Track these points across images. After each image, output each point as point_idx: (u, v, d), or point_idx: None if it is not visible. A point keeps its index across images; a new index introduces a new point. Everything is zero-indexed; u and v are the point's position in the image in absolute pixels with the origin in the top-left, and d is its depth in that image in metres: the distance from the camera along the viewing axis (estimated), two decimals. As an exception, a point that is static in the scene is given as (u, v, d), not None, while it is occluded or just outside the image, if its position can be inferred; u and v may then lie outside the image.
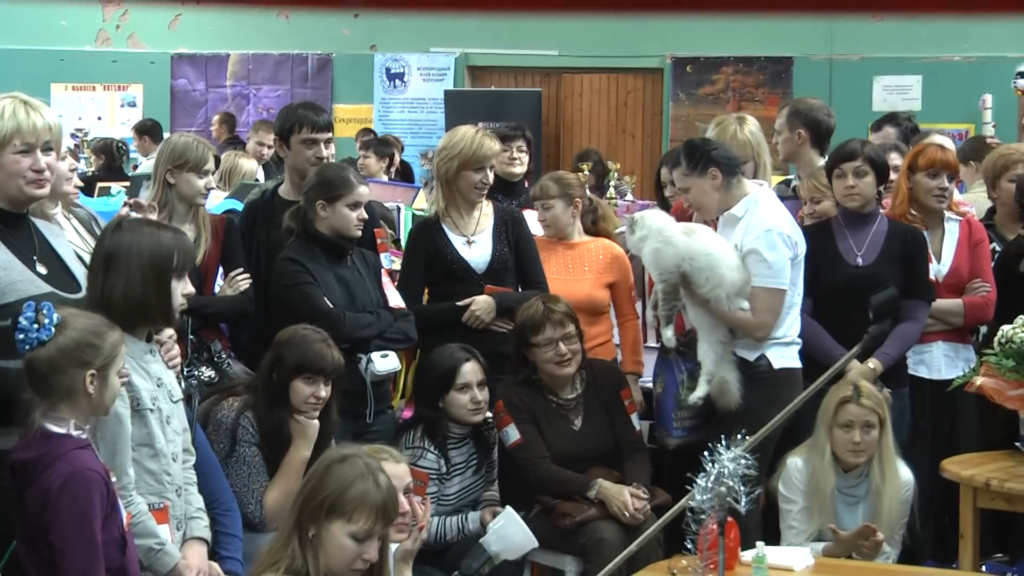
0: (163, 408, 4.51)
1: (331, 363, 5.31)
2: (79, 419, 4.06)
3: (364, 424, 5.85)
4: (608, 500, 5.92)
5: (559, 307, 6.11)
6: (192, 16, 16.23)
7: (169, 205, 5.94)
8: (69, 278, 4.50)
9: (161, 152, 6.09)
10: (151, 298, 4.43)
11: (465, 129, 6.54)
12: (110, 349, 4.06)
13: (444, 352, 6.04)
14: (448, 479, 5.96)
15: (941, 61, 15.21)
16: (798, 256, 5.92)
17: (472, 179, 6.40)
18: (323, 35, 16.24)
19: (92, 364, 4.03)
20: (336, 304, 5.87)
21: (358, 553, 4.04)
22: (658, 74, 16.13)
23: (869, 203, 6.18)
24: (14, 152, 4.34)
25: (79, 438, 4.05)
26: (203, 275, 5.93)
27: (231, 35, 16.39)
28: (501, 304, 6.35)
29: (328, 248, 5.97)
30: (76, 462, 3.99)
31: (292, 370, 5.28)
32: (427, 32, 16.12)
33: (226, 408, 5.37)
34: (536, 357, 6.10)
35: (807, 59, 15.51)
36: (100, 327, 4.10)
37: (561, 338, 6.05)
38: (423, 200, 9.33)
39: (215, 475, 5.01)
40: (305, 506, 4.06)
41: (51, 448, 4.01)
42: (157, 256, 4.46)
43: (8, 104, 4.38)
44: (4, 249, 4.34)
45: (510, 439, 6.06)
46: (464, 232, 6.44)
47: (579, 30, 15.71)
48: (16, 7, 16.58)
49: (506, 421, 6.07)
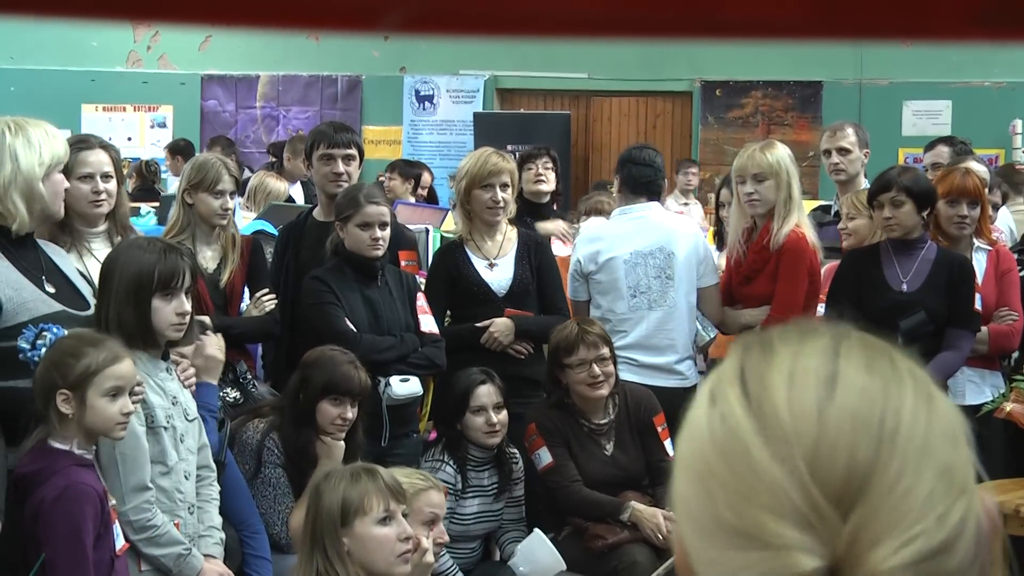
0: (177, 426, 4.53)
1: (358, 385, 5.31)
2: (79, 439, 4.07)
3: (385, 447, 5.84)
4: (641, 522, 5.92)
5: (593, 329, 6.11)
6: (222, 37, 16.31)
7: (191, 226, 5.95)
8: (77, 296, 4.55)
9: (183, 172, 6.11)
10: (129, 317, 4.45)
11: (478, 150, 6.57)
12: (84, 369, 4.06)
13: (461, 374, 6.04)
14: (464, 498, 5.95)
15: (971, 86, 15.17)
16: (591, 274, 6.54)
17: (482, 198, 6.39)
18: (353, 57, 16.29)
19: (60, 385, 4.04)
20: (359, 325, 5.86)
21: (395, 534, 4.05)
22: (687, 97, 16.13)
23: (910, 231, 6.15)
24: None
25: (80, 456, 4.07)
26: (229, 296, 5.93)
27: (261, 56, 16.45)
28: (520, 327, 6.35)
29: (357, 268, 5.98)
30: (72, 476, 4.01)
31: (319, 391, 5.29)
32: (457, 55, 16.15)
33: (251, 430, 5.37)
34: (569, 379, 6.09)
35: (837, 83, 15.49)
36: (79, 347, 4.11)
37: (595, 359, 6.05)
38: (451, 222, 9.34)
39: (242, 497, 5.02)
40: (316, 530, 4.05)
41: (50, 463, 4.04)
42: (137, 275, 4.48)
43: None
44: (13, 270, 4.38)
45: (542, 462, 6.06)
46: (487, 255, 6.44)
47: (608, 53, 15.72)
48: (48, 28, 16.69)
49: (538, 444, 6.06)
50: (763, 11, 0.94)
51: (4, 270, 4.37)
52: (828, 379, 1.16)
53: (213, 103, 16.81)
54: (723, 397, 1.19)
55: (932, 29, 1.03)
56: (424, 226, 8.69)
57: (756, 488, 1.12)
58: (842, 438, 1.12)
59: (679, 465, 1.21)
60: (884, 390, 1.16)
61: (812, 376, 1.16)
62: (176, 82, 16.70)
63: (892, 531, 1.10)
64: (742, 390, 1.18)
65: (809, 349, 1.19)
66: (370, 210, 5.95)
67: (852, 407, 1.14)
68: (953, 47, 14.98)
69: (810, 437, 1.13)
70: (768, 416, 1.15)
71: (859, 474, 1.11)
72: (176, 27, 18.61)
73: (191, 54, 16.56)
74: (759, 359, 1.20)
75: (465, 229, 6.49)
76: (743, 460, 1.14)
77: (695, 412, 1.21)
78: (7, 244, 4.44)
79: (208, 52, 16.52)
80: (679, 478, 1.20)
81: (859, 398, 1.15)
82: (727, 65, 15.63)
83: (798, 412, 1.14)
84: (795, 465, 1.12)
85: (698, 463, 1.18)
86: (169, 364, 4.62)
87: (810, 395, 1.15)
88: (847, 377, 1.16)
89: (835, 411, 1.14)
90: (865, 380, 1.16)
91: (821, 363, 1.17)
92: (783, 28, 0.98)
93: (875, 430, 1.13)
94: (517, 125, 15.42)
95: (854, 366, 1.18)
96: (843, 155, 7.30)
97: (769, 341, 1.22)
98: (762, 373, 1.18)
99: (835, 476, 1.11)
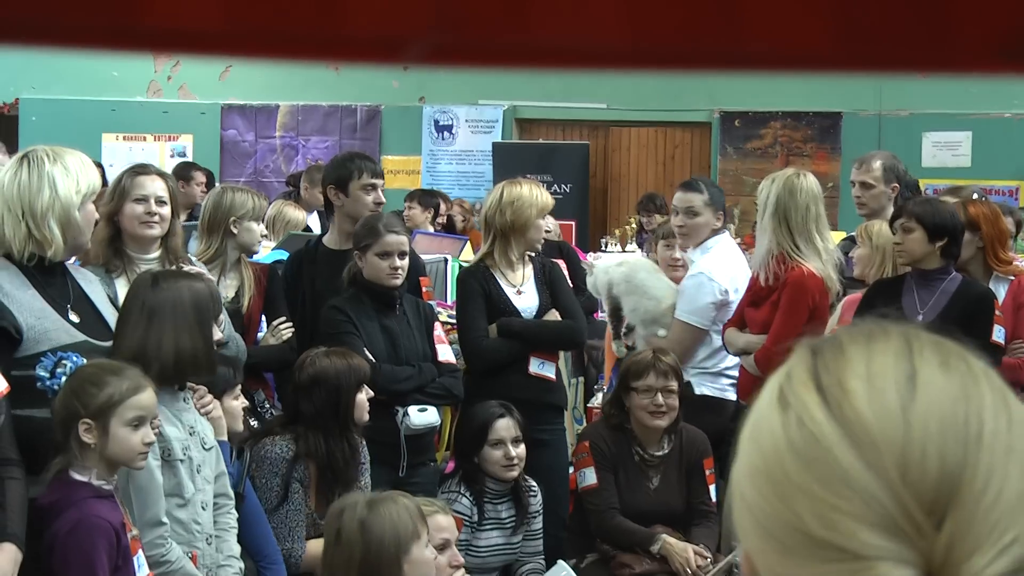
0: (194, 457, 4.52)
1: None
2: (100, 469, 4.06)
3: (402, 477, 5.84)
4: (671, 556, 5.95)
5: (667, 359, 6.19)
6: (242, 67, 16.36)
7: (223, 256, 5.99)
8: (102, 326, 4.55)
9: (220, 204, 6.12)
10: (199, 348, 4.47)
11: (525, 183, 6.57)
12: (107, 398, 4.05)
13: (480, 407, 6.04)
14: (480, 530, 5.94)
15: (991, 118, 15.14)
16: (729, 302, 6.50)
17: (539, 224, 6.48)
18: (372, 87, 16.32)
19: (82, 414, 4.04)
20: (378, 355, 5.87)
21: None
22: (706, 128, 16.13)
23: (921, 260, 6.07)
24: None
25: (100, 487, 4.05)
26: (247, 324, 5.95)
27: (281, 86, 16.50)
28: (529, 330, 6.35)
29: (375, 297, 5.99)
30: (86, 509, 3.99)
31: (355, 387, 5.33)
32: (476, 85, 16.18)
33: (271, 446, 5.34)
34: (632, 403, 6.15)
35: (856, 115, 15.47)
36: (102, 376, 4.10)
37: (661, 389, 6.08)
38: (470, 252, 9.34)
39: (260, 527, 5.02)
40: (371, 563, 4.05)
41: (67, 494, 4.03)
42: (199, 306, 4.49)
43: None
44: (39, 298, 4.39)
45: (585, 481, 6.11)
46: (513, 283, 6.46)
47: (627, 84, 15.73)
48: (69, 59, 16.77)
49: (586, 463, 6.11)
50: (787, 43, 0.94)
51: (29, 299, 4.38)
52: (907, 379, 1.12)
53: (233, 133, 16.85)
54: (798, 400, 1.14)
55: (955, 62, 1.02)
56: (443, 256, 8.70)
57: (846, 496, 1.07)
58: (930, 441, 1.08)
59: (746, 474, 1.15)
60: (964, 389, 1.12)
61: (891, 377, 1.12)
62: (196, 112, 16.76)
63: (988, 538, 1.06)
64: (819, 392, 1.13)
65: (881, 348, 1.15)
66: (390, 239, 5.97)
67: (936, 408, 1.10)
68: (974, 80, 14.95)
69: (898, 441, 1.09)
70: (852, 420, 1.10)
71: (950, 479, 1.07)
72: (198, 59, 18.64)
73: (211, 84, 16.61)
74: (832, 360, 1.15)
75: (494, 257, 6.47)
76: (829, 467, 1.09)
77: (765, 419, 1.16)
78: (35, 272, 4.45)
79: (228, 82, 16.57)
80: (748, 489, 1.15)
81: (941, 398, 1.11)
82: (746, 96, 15.62)
83: (882, 415, 1.10)
84: (886, 471, 1.07)
85: (775, 471, 1.12)
86: (186, 393, 4.62)
87: (892, 397, 1.11)
88: (925, 376, 1.12)
89: (920, 413, 1.10)
90: (944, 379, 1.12)
91: (897, 363, 1.13)
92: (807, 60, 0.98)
93: (961, 432, 1.09)
94: (536, 155, 15.43)
95: (930, 365, 1.13)
96: (866, 189, 7.27)
97: (839, 342, 1.17)
98: (839, 375, 1.13)
99: (927, 482, 1.07)
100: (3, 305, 4.31)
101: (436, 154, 16.64)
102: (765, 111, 15.73)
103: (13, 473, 4.12)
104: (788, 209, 6.22)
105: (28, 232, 4.41)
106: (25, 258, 4.42)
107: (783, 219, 6.19)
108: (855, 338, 1.18)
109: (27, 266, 4.44)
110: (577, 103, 16.15)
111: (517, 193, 6.44)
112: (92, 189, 4.56)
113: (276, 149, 16.82)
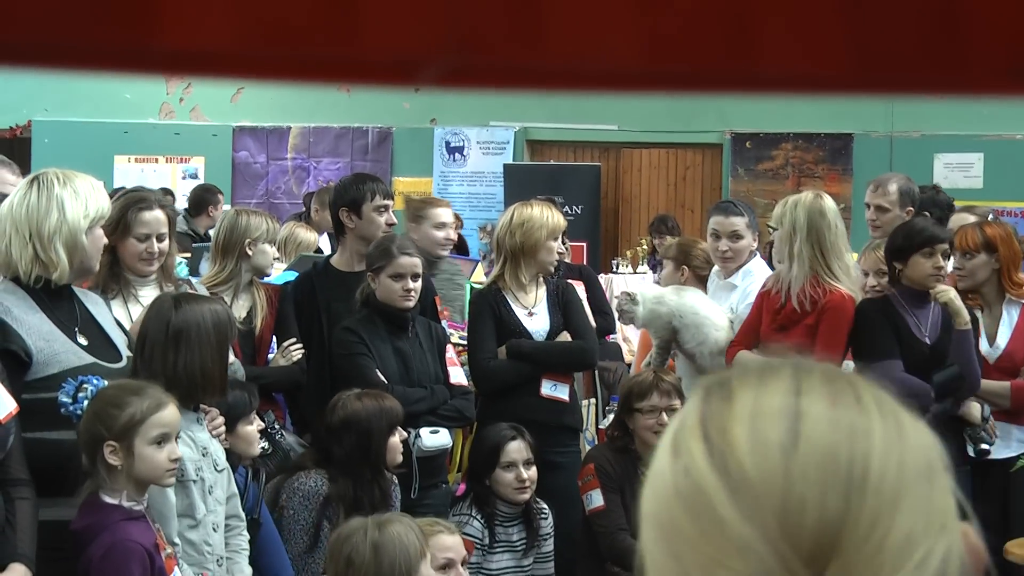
0: (207, 478, 4.53)
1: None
2: (129, 490, 4.07)
3: (414, 498, 5.83)
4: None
5: (669, 378, 6.20)
6: (254, 89, 16.40)
7: (237, 277, 6.02)
8: (110, 348, 4.56)
9: (235, 226, 6.14)
10: (217, 370, 4.50)
11: (537, 205, 6.57)
12: (129, 418, 4.06)
13: (491, 430, 6.05)
14: (491, 553, 5.93)
15: (1003, 139, 15.13)
16: None
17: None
18: (384, 108, 16.35)
19: (105, 437, 4.04)
20: (390, 376, 5.87)
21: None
22: (717, 149, 16.13)
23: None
24: None
25: (131, 509, 4.06)
26: (257, 345, 5.96)
27: (292, 108, 16.54)
28: (539, 352, 6.34)
29: (388, 319, 5.99)
30: (119, 533, 4.00)
31: (387, 430, 5.33)
32: (487, 106, 16.20)
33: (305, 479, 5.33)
34: (636, 423, 6.15)
35: (867, 136, 15.46)
36: (122, 396, 4.11)
37: (665, 408, 6.08)
38: (481, 273, 9.35)
39: (276, 551, 5.01)
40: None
41: (100, 518, 4.03)
42: (220, 329, 4.52)
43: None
44: (47, 321, 4.40)
45: (592, 503, 6.09)
46: (525, 304, 6.45)
47: (638, 105, 15.74)
48: (81, 81, 16.82)
49: (592, 485, 6.10)
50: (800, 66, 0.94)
51: (37, 322, 4.39)
52: (791, 424, 1.10)
53: (244, 154, 16.89)
54: (686, 448, 1.13)
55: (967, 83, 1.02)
56: (454, 277, 8.70)
57: (725, 549, 1.07)
58: (810, 491, 1.07)
59: (645, 520, 1.15)
60: (850, 430, 1.10)
61: (774, 420, 1.10)
62: (208, 133, 16.80)
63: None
64: (704, 441, 1.12)
65: (770, 389, 1.13)
66: (403, 261, 5.97)
67: (819, 454, 1.08)
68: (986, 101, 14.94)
69: (777, 492, 1.07)
70: (732, 470, 1.09)
71: (831, 528, 1.06)
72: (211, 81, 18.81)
73: (223, 106, 16.65)
74: (718, 405, 1.14)
75: (505, 279, 6.46)
76: (711, 519, 1.08)
77: (659, 463, 1.15)
78: (43, 295, 4.46)
79: (240, 104, 16.62)
80: (645, 534, 1.15)
81: (824, 443, 1.09)
82: (757, 117, 15.63)
83: (762, 465, 1.08)
84: (765, 523, 1.06)
85: (664, 519, 1.12)
86: (200, 414, 4.63)
87: (773, 444, 1.09)
88: (811, 419, 1.10)
89: (800, 461, 1.08)
90: (830, 421, 1.10)
91: (783, 405, 1.11)
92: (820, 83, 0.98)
93: (843, 478, 1.07)
94: (547, 177, 15.44)
95: (818, 404, 1.11)
96: (881, 213, 7.22)
97: (728, 384, 1.16)
98: (723, 422, 1.12)
99: (806, 533, 1.06)
100: (12, 328, 4.31)
101: (447, 176, 16.66)
102: (776, 132, 15.72)
103: (23, 493, 4.12)
104: (821, 231, 6.15)
105: (35, 254, 4.41)
106: (32, 280, 4.43)
107: (816, 242, 6.14)
108: (745, 380, 1.16)
109: (35, 289, 4.45)
110: (588, 124, 16.17)
111: (528, 215, 6.44)
112: (100, 214, 4.56)
113: (288, 171, 16.85)
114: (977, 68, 0.98)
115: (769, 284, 6.35)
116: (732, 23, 0.92)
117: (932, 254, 6.06)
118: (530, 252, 6.40)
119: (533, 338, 6.40)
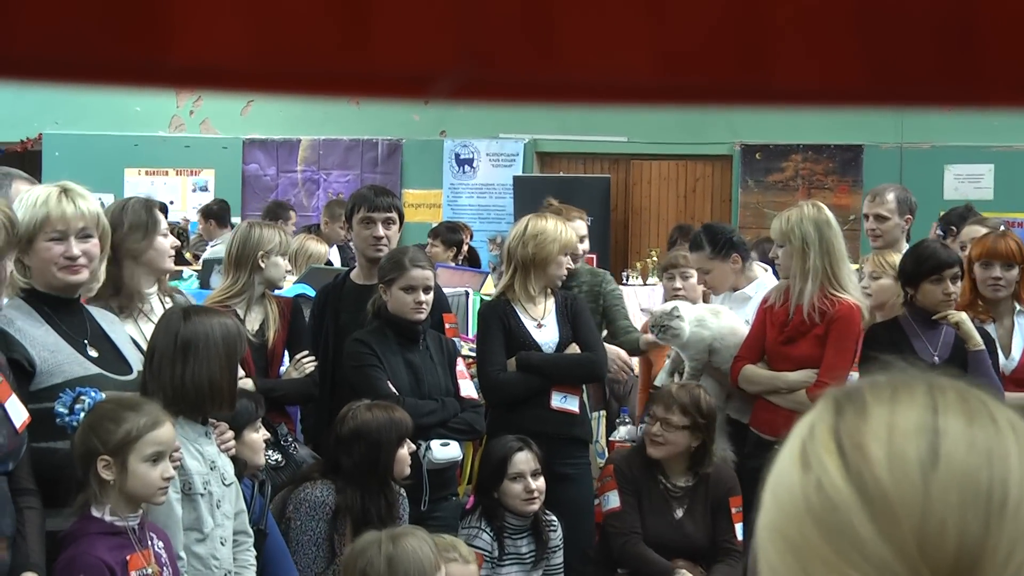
0: (214, 491, 4.52)
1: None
2: (119, 506, 4.06)
3: (424, 511, 5.83)
4: None
5: (677, 393, 6.22)
6: (264, 102, 16.43)
7: (250, 290, 6.02)
8: (121, 361, 4.55)
9: (248, 239, 6.13)
10: (226, 382, 4.49)
11: (552, 217, 6.58)
12: (125, 434, 4.05)
13: (498, 442, 6.04)
14: (500, 565, 5.92)
15: (1013, 150, 15.12)
16: None
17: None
18: (393, 121, 16.37)
19: (100, 451, 4.04)
20: (401, 389, 5.86)
21: None
22: (727, 161, 16.14)
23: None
24: (46, 239, 4.41)
25: (112, 524, 4.05)
26: (270, 358, 5.96)
27: (302, 121, 16.56)
28: (548, 364, 6.34)
29: (399, 332, 5.99)
30: (84, 546, 3.99)
31: (396, 442, 5.33)
32: (496, 119, 16.21)
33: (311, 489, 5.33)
34: (647, 429, 6.25)
35: (877, 147, 15.45)
36: (119, 411, 4.10)
37: (660, 419, 6.13)
38: (491, 285, 9.34)
39: (282, 562, 5.01)
40: None
41: (76, 529, 4.04)
42: (229, 341, 4.52)
43: (43, 192, 4.48)
44: (52, 333, 4.40)
45: (609, 504, 6.11)
46: (534, 316, 6.44)
47: (647, 117, 15.75)
48: (92, 95, 16.85)
49: (610, 486, 6.12)
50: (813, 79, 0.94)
51: (42, 334, 4.39)
52: (930, 444, 1.09)
53: (254, 167, 16.91)
54: (819, 462, 1.12)
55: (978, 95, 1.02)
56: (464, 289, 8.70)
57: (861, 567, 1.06)
58: (950, 512, 1.06)
59: (768, 532, 1.13)
60: (988, 453, 1.09)
61: (913, 441, 1.09)
62: (218, 146, 16.83)
63: None
64: (839, 455, 1.11)
65: (905, 406, 1.12)
66: (415, 274, 5.96)
67: (959, 476, 1.07)
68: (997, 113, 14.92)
69: (916, 511, 1.06)
70: (871, 488, 1.08)
71: (971, 553, 1.05)
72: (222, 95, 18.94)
73: (233, 119, 16.68)
74: (853, 419, 1.13)
75: (515, 290, 6.45)
76: (846, 535, 1.07)
77: (785, 476, 1.14)
78: (49, 310, 4.46)
79: (250, 117, 16.65)
80: (767, 544, 1.13)
81: (964, 465, 1.08)
82: (767, 129, 15.63)
83: (902, 484, 1.07)
84: (903, 543, 1.05)
85: (793, 533, 1.11)
86: (208, 428, 4.63)
87: (913, 464, 1.08)
88: (950, 439, 1.09)
89: (940, 482, 1.07)
90: (967, 442, 1.09)
91: (920, 423, 1.11)
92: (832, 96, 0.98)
93: (983, 501, 1.06)
94: (557, 188, 15.40)
95: (955, 424, 1.10)
96: (880, 222, 7.26)
97: (860, 398, 1.14)
98: (859, 437, 1.11)
99: (946, 556, 1.05)
100: (14, 338, 4.32)
101: (457, 188, 16.67)
102: (786, 144, 15.73)
103: (31, 503, 4.13)
104: (831, 242, 6.18)
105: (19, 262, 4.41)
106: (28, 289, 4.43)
107: (827, 253, 6.16)
108: (879, 394, 1.14)
109: (43, 304, 4.44)
110: (598, 136, 16.18)
111: (541, 227, 6.43)
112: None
113: (297, 183, 16.87)
114: (988, 81, 0.98)
115: (772, 298, 6.34)
116: (746, 37, 0.92)
117: (941, 280, 6.08)
118: (541, 265, 6.39)
119: (542, 350, 6.38)
